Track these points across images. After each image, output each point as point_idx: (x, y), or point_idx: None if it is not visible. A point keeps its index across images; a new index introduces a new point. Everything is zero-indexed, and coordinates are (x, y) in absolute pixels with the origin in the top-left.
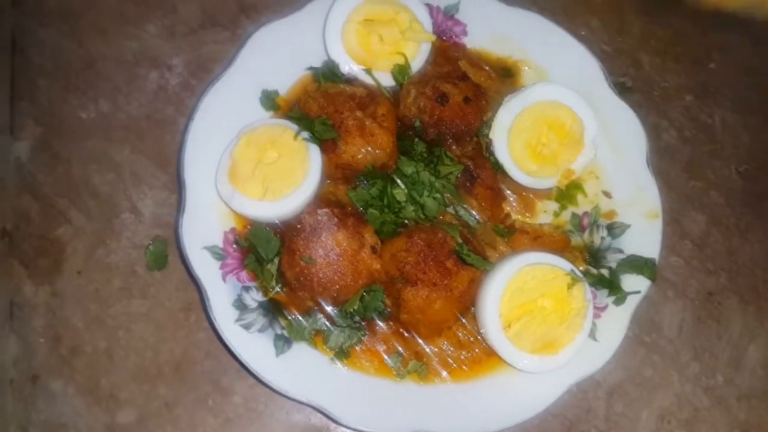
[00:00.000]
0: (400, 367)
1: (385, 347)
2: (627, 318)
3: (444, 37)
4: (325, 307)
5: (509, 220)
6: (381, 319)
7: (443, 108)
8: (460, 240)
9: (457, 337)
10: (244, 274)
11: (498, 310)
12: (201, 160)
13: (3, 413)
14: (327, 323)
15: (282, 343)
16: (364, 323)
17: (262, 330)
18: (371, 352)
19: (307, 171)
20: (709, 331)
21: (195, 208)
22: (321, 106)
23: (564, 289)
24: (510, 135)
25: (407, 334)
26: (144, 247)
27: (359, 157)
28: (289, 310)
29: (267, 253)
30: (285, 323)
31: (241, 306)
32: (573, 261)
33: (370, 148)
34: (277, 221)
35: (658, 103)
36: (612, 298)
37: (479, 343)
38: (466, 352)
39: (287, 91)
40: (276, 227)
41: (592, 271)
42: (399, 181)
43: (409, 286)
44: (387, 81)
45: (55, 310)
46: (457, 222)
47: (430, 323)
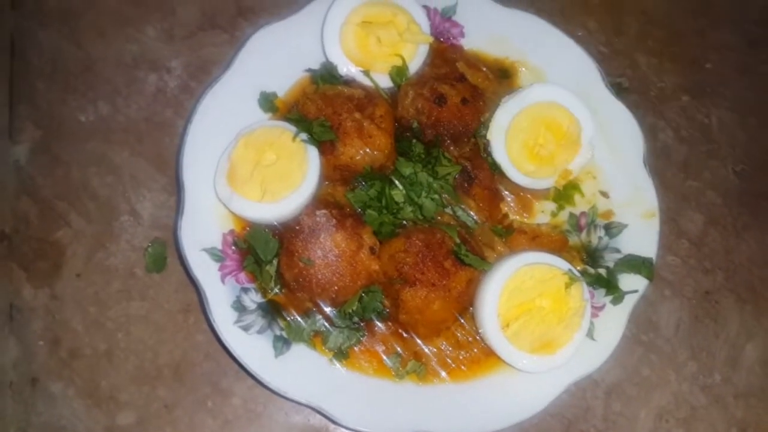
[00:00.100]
0: (399, 368)
1: (383, 348)
2: (625, 317)
3: (441, 39)
4: (324, 308)
5: (507, 221)
6: (380, 320)
7: (441, 109)
8: (458, 240)
9: (456, 337)
10: (243, 275)
11: (496, 309)
12: (200, 162)
13: (2, 416)
14: (326, 324)
15: (281, 344)
16: (362, 324)
17: (261, 331)
18: (370, 352)
19: (305, 172)
20: (706, 330)
21: (194, 210)
22: (319, 108)
23: (562, 288)
24: (507, 136)
25: (406, 335)
26: (143, 249)
27: (357, 158)
28: (288, 311)
29: (266, 255)
30: (284, 324)
31: (240, 307)
32: (570, 261)
33: (368, 150)
34: (276, 223)
35: (654, 103)
36: (609, 297)
37: (478, 343)
38: (464, 352)
39: (285, 93)
40: (275, 229)
41: (589, 271)
42: (397, 182)
43: (408, 286)
44: (385, 82)
45: (55, 312)
46: (455, 222)
47: (428, 323)
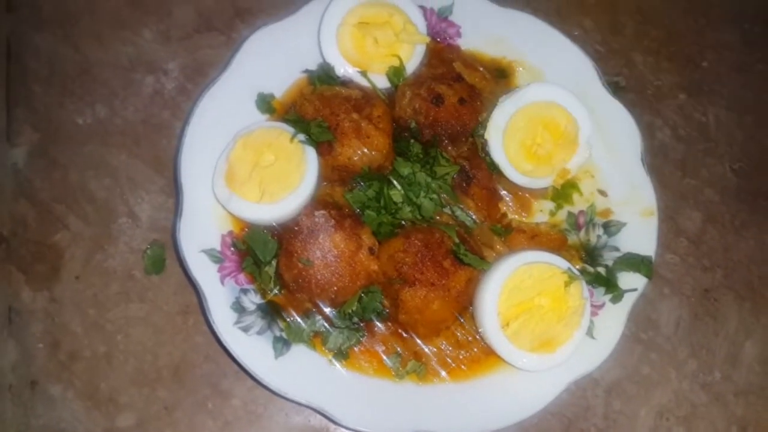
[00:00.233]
0: (399, 368)
1: (383, 348)
2: (624, 316)
3: (438, 39)
4: (324, 309)
5: (506, 220)
6: (379, 320)
7: (438, 109)
8: (457, 240)
9: (456, 337)
10: (242, 276)
11: (496, 308)
12: (198, 164)
13: (2, 419)
14: (326, 325)
15: (281, 345)
16: (362, 324)
17: (260, 332)
18: (370, 352)
19: (303, 173)
20: (705, 327)
21: (192, 211)
22: (317, 109)
23: (561, 287)
24: (505, 135)
25: (406, 335)
26: (141, 251)
27: (355, 158)
28: (287, 312)
29: (265, 256)
30: (284, 325)
31: (239, 309)
32: (570, 259)
33: (366, 150)
34: (275, 224)
35: (651, 101)
36: (609, 296)
37: (477, 342)
38: (464, 352)
39: (283, 94)
40: (273, 230)
41: (588, 269)
42: (395, 182)
43: (407, 286)
44: (382, 83)
45: (54, 315)
46: (454, 222)
47: (428, 323)
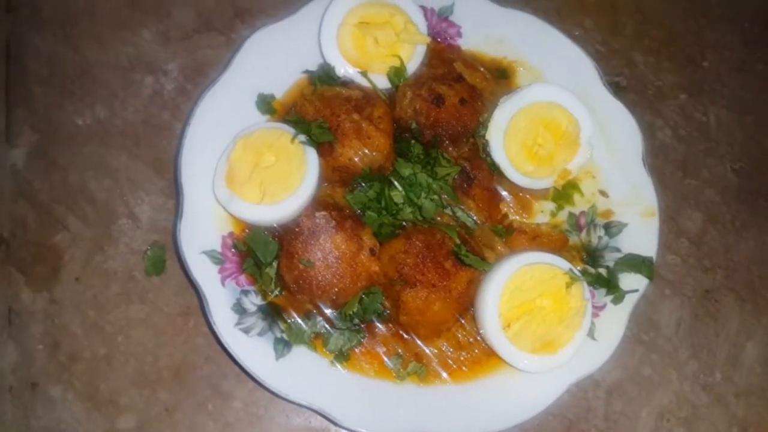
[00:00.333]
0: (400, 369)
1: (384, 349)
2: (625, 317)
3: (439, 39)
4: (325, 310)
5: (507, 221)
6: (380, 321)
7: (439, 109)
8: (458, 241)
9: (457, 338)
10: (243, 278)
11: (497, 310)
12: (198, 165)
13: (2, 420)
14: (326, 326)
15: (282, 346)
16: (363, 325)
17: (261, 334)
18: (371, 354)
19: (304, 174)
20: (706, 328)
21: (192, 212)
22: (317, 109)
23: (562, 288)
24: (506, 136)
25: (407, 336)
26: (142, 252)
27: (356, 159)
28: (288, 313)
29: (265, 257)
30: (284, 326)
31: (240, 310)
32: (571, 260)
33: (367, 151)
34: (275, 225)
35: (652, 102)
36: (610, 297)
37: (479, 343)
38: (465, 353)
39: (283, 94)
40: (274, 231)
41: (590, 270)
42: (396, 183)
43: (408, 287)
44: (383, 83)
45: (54, 316)
46: (455, 223)
47: (429, 324)
